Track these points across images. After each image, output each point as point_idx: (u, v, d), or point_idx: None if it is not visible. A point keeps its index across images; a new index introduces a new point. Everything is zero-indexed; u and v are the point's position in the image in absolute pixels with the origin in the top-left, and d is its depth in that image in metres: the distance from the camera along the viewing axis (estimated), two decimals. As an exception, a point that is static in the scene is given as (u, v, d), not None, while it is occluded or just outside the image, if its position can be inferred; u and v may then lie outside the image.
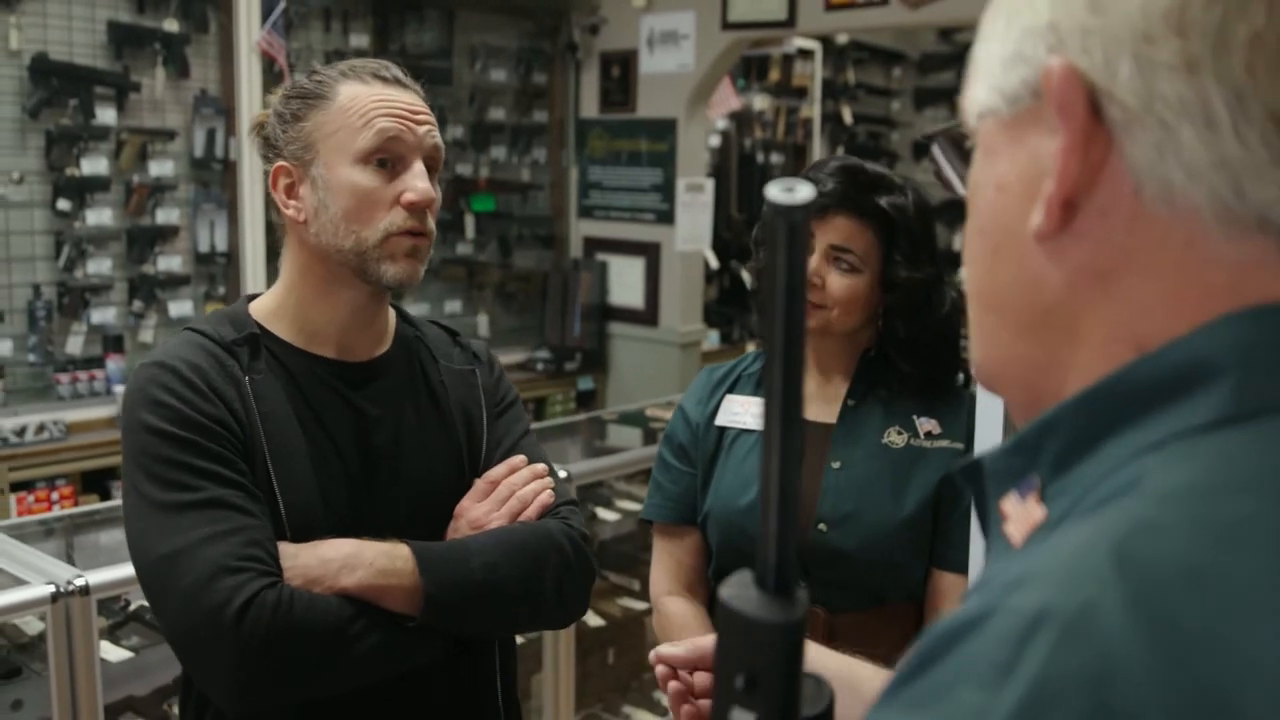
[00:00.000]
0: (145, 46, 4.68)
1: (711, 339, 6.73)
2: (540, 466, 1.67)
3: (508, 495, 1.61)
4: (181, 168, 4.85)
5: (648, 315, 6.25)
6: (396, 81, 1.55)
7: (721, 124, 7.18)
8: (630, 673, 4.06)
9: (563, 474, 2.04)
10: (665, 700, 3.86)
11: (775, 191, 0.63)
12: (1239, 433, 0.57)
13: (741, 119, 7.41)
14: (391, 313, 1.68)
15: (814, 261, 1.93)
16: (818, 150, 8.09)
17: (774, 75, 7.66)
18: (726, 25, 5.73)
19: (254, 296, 1.63)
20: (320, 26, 5.28)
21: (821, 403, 2.04)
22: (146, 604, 2.96)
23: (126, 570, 2.62)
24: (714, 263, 6.80)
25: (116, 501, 3.92)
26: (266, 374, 1.51)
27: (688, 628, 2.05)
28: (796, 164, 7.97)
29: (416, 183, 1.50)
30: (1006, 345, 0.70)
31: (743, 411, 2.06)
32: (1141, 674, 0.49)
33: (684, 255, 6.15)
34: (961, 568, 1.94)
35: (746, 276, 7.31)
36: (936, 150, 0.78)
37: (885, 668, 1.91)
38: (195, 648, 1.38)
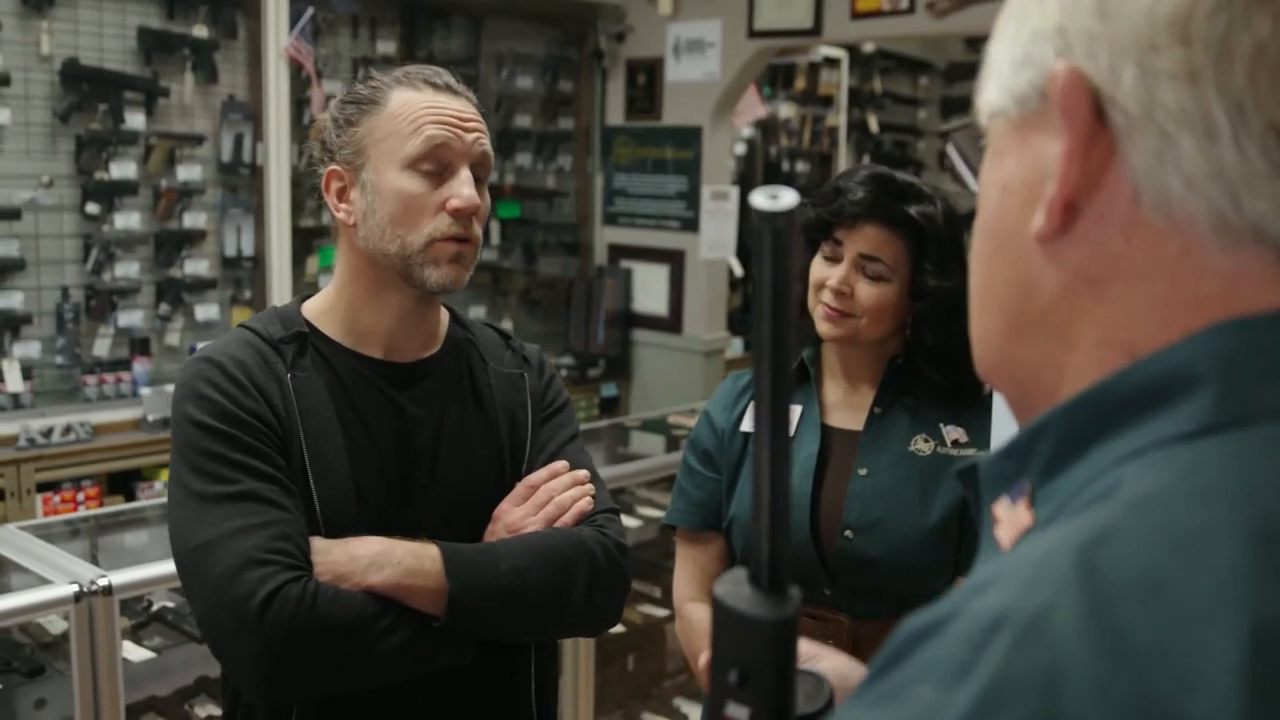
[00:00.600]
0: (175, 52, 4.72)
1: (735, 347, 6.72)
2: (582, 473, 1.67)
3: (546, 500, 1.62)
4: (209, 172, 4.88)
5: (671, 322, 6.26)
6: (448, 88, 1.57)
7: (747, 132, 7.18)
8: (651, 680, 4.06)
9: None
10: (685, 708, 3.83)
11: (759, 199, 0.64)
12: (1214, 442, 0.58)
13: (767, 127, 7.42)
14: (445, 314, 1.69)
15: (843, 270, 1.93)
16: (843, 159, 8.08)
17: (800, 83, 7.66)
18: (752, 33, 5.74)
19: (308, 296, 1.66)
20: (348, 33, 5.31)
21: (849, 410, 2.04)
22: (169, 604, 3.00)
23: (149, 571, 2.65)
24: (738, 270, 6.79)
25: (142, 503, 3.95)
26: (311, 371, 1.54)
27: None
28: (822, 172, 7.97)
29: (463, 189, 1.52)
30: (1000, 345, 0.71)
31: None
32: (1092, 680, 0.49)
33: (708, 263, 6.15)
34: (983, 576, 1.93)
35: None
36: (951, 148, 0.78)
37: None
38: (222, 638, 1.41)
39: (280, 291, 4.99)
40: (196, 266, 4.86)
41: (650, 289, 6.34)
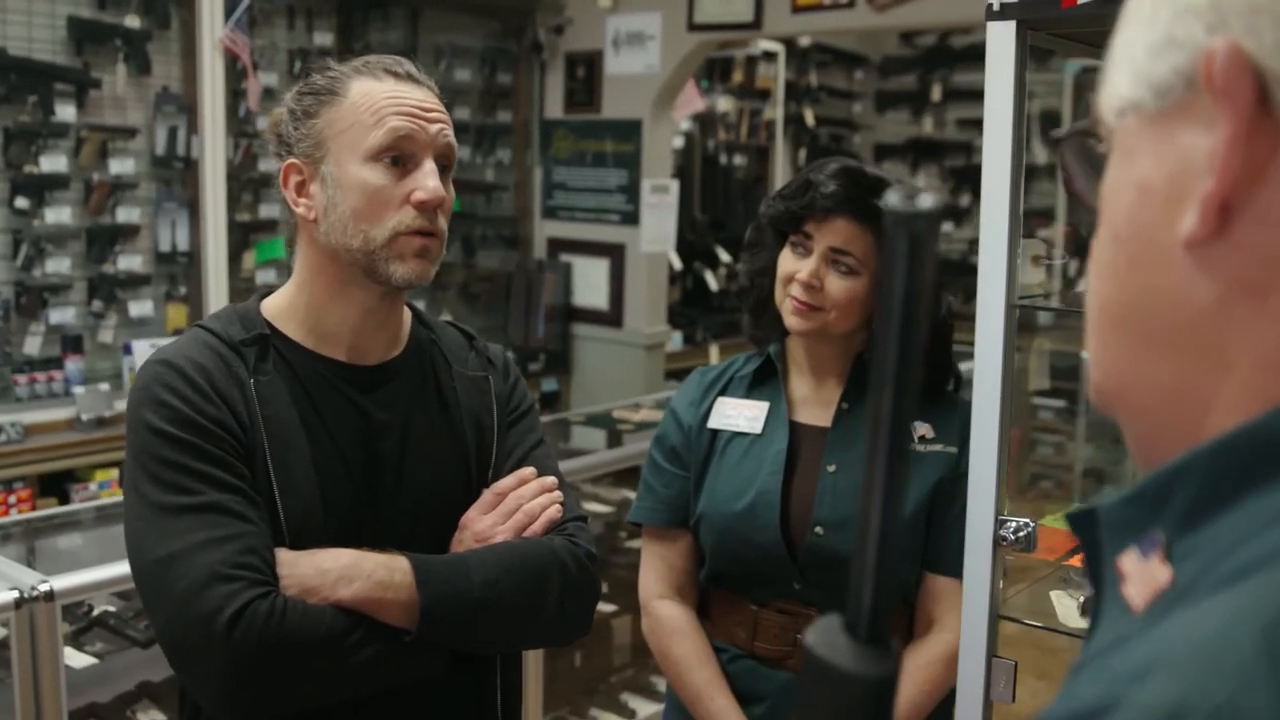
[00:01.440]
0: (106, 43, 4.61)
1: (675, 340, 6.72)
2: (550, 480, 1.63)
3: (515, 508, 1.58)
4: (143, 166, 4.78)
5: (612, 316, 6.24)
6: (410, 77, 1.52)
7: (685, 125, 7.18)
8: (598, 675, 4.04)
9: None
10: (633, 703, 3.81)
11: (894, 198, 0.57)
12: None
13: (705, 120, 7.42)
14: (407, 314, 1.64)
15: (813, 263, 1.92)
16: (780, 152, 8.11)
17: (737, 77, 7.67)
18: (693, 27, 5.73)
19: (268, 293, 1.60)
20: (284, 24, 5.22)
21: (816, 406, 2.03)
22: (110, 609, 2.93)
23: (90, 575, 2.59)
24: (677, 264, 6.79)
25: (77, 505, 3.86)
26: (273, 375, 1.48)
27: (679, 631, 2.05)
28: (759, 166, 7.99)
29: (427, 181, 1.48)
30: (1135, 366, 0.62)
31: (735, 414, 2.05)
32: None
33: (649, 256, 6.14)
34: (954, 571, 1.94)
35: (710, 278, 7.31)
36: (1066, 152, 0.71)
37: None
38: (186, 655, 1.35)
39: (216, 287, 4.90)
40: (130, 262, 4.76)
41: (590, 283, 6.32)
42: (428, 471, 1.57)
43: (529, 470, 1.63)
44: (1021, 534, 1.60)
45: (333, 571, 1.40)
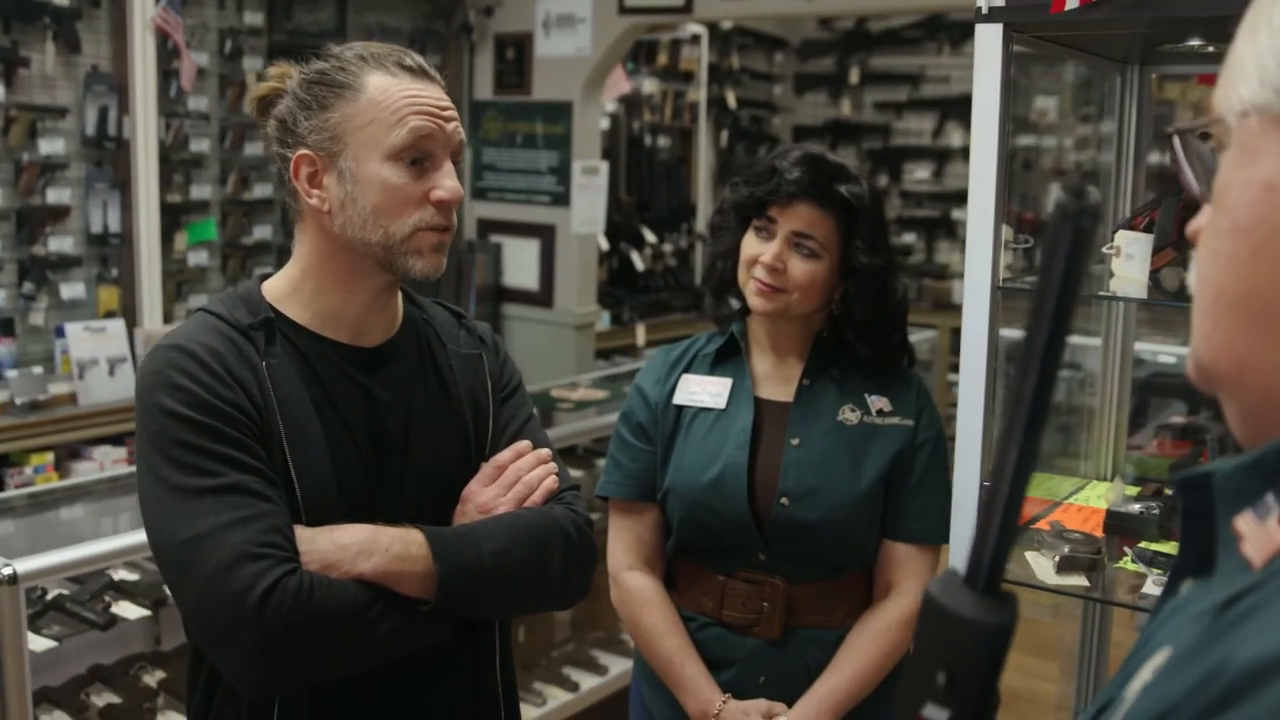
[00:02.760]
0: (34, 20, 4.53)
1: (604, 320, 6.78)
2: (545, 452, 1.69)
3: (514, 480, 1.63)
4: (73, 146, 4.71)
5: (543, 297, 6.28)
6: (422, 72, 1.55)
7: (610, 107, 7.22)
8: (540, 650, 4.11)
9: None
10: (575, 676, 3.88)
11: (1065, 197, 0.62)
12: None
13: (630, 102, 7.48)
14: (399, 294, 1.68)
15: (776, 246, 2.00)
16: (703, 134, 8.20)
17: (662, 59, 7.74)
18: (623, 10, 5.78)
19: (265, 276, 1.62)
20: (214, 3, 5.17)
21: (778, 382, 2.12)
22: (64, 592, 2.93)
23: (52, 559, 2.60)
24: (604, 245, 6.85)
25: (11, 492, 3.81)
26: (282, 359, 1.51)
27: (649, 602, 2.12)
28: (683, 147, 8.07)
29: (447, 181, 1.51)
30: (1253, 348, 0.67)
31: (700, 390, 2.13)
32: None
33: (579, 237, 6.19)
34: (912, 538, 2.05)
35: (636, 258, 7.38)
36: (1178, 148, 0.78)
37: (836, 632, 2.01)
38: (216, 633, 1.39)
39: (149, 269, 4.86)
40: (61, 244, 4.70)
41: (521, 263, 6.35)
42: (430, 447, 1.62)
43: (525, 444, 1.69)
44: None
45: (352, 546, 1.44)
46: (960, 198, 8.56)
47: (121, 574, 3.03)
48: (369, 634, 1.43)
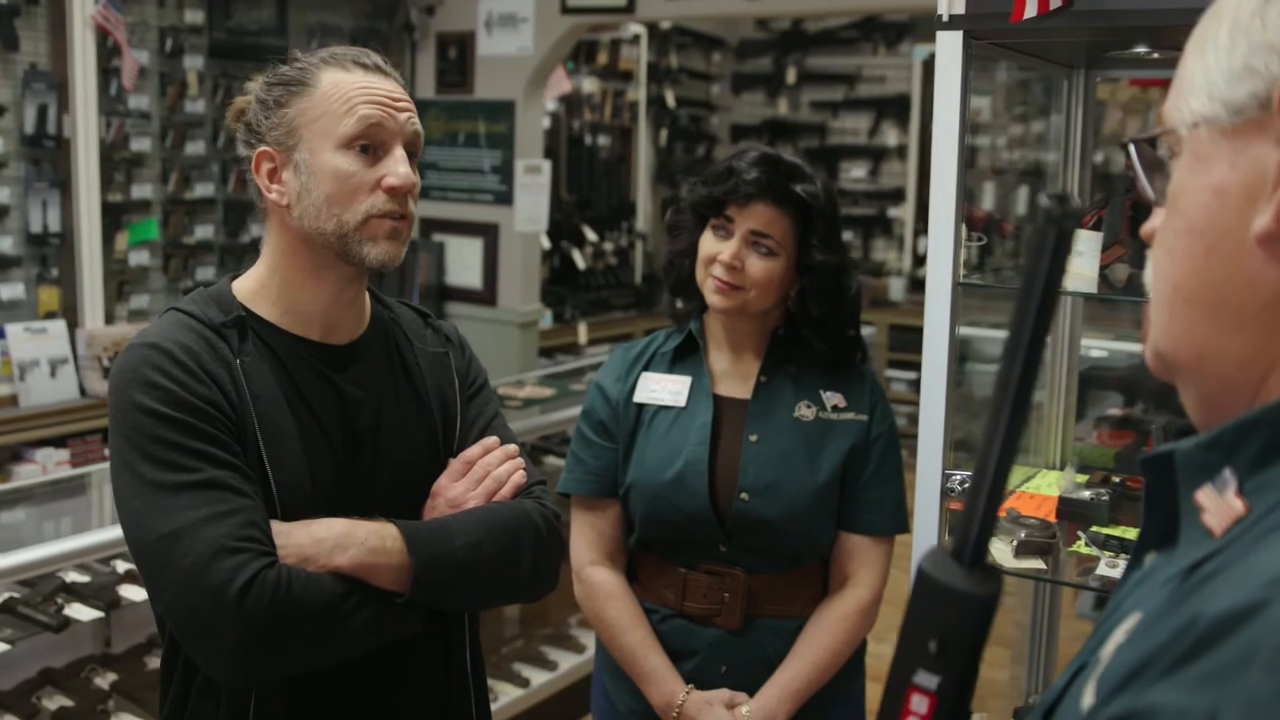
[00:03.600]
0: (-29, 18, 4.49)
1: (547, 319, 6.81)
2: (513, 448, 1.73)
3: (483, 475, 1.67)
4: (11, 145, 4.65)
5: (486, 295, 6.30)
6: (377, 69, 1.58)
7: (551, 106, 7.25)
8: (488, 645, 4.13)
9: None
10: (526, 672, 3.90)
11: (1049, 202, 0.69)
12: None
13: (571, 102, 7.51)
14: (365, 292, 1.71)
15: (734, 245, 2.05)
16: (643, 132, 8.25)
17: (602, 59, 7.78)
18: (566, 9, 5.81)
19: (235, 276, 1.65)
20: (154, 1, 5.13)
21: (736, 379, 2.17)
22: (15, 595, 2.91)
23: (4, 561, 2.59)
24: (546, 243, 6.88)
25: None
26: (254, 356, 1.54)
27: (612, 596, 2.16)
28: (624, 146, 8.12)
29: (398, 168, 1.55)
30: (1209, 338, 0.74)
31: (659, 389, 2.17)
32: None
33: (523, 236, 6.22)
34: (867, 530, 2.10)
35: (577, 257, 7.42)
36: (1133, 154, 0.84)
37: (795, 621, 2.06)
38: (197, 626, 1.41)
39: (90, 269, 4.81)
40: (0, 243, 4.64)
41: (464, 262, 6.36)
42: (400, 443, 1.65)
43: (493, 439, 1.73)
44: (965, 485, 1.77)
45: (328, 540, 1.47)
46: (896, 196, 8.69)
47: (73, 576, 3.02)
48: (345, 625, 1.46)
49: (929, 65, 8.55)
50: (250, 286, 1.62)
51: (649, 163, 8.38)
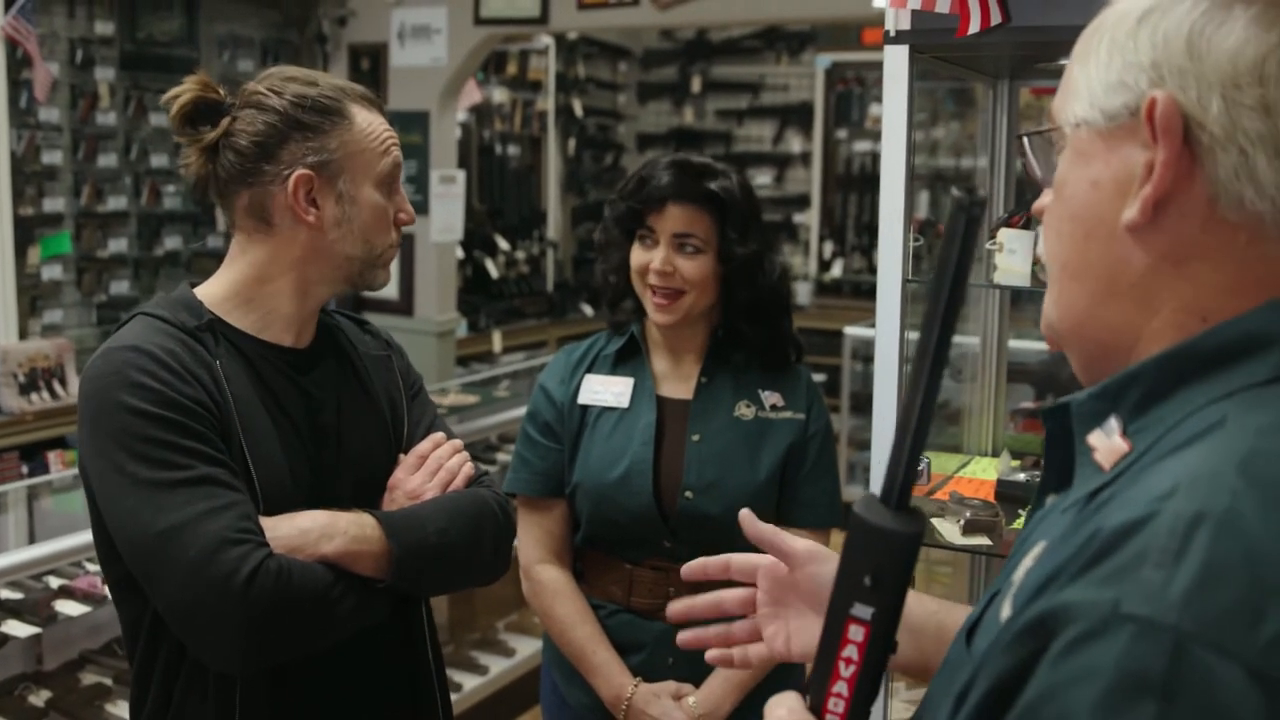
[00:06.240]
0: (-124, 30, 4.41)
1: (463, 328, 6.84)
2: (459, 442, 1.84)
3: (437, 468, 1.77)
4: (-81, 158, 4.59)
5: (403, 305, 6.32)
6: (379, 107, 1.71)
7: (462, 116, 7.28)
8: (442, 637, 4.16)
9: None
10: (485, 660, 3.91)
11: (960, 193, 0.82)
12: None
13: (481, 111, 7.55)
14: None
15: (662, 251, 2.13)
16: (552, 141, 8.30)
17: (511, 69, 7.82)
18: (479, 21, 5.86)
19: (194, 284, 1.70)
20: (64, 12, 5.08)
21: (677, 380, 2.25)
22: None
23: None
24: (459, 253, 6.90)
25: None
26: (229, 359, 1.61)
27: (560, 593, 2.23)
28: (534, 155, 8.17)
29: (407, 205, 1.72)
30: (1088, 309, 0.87)
31: (603, 390, 2.24)
32: (1277, 556, 0.67)
33: (438, 245, 6.25)
34: (807, 523, 2.18)
35: (490, 266, 7.45)
36: (1026, 147, 0.99)
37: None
38: (201, 616, 1.46)
39: (3, 284, 4.75)
40: (-90, 258, 4.57)
41: (380, 273, 6.36)
42: (359, 440, 1.74)
43: (440, 434, 1.82)
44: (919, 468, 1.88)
45: (313, 530, 1.55)
46: (801, 202, 8.86)
47: (4, 593, 3.00)
48: (333, 611, 1.53)
49: (831, 74, 8.74)
50: (218, 294, 1.67)
51: (558, 171, 8.44)
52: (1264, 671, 0.65)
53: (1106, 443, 0.83)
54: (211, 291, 1.67)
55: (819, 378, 7.57)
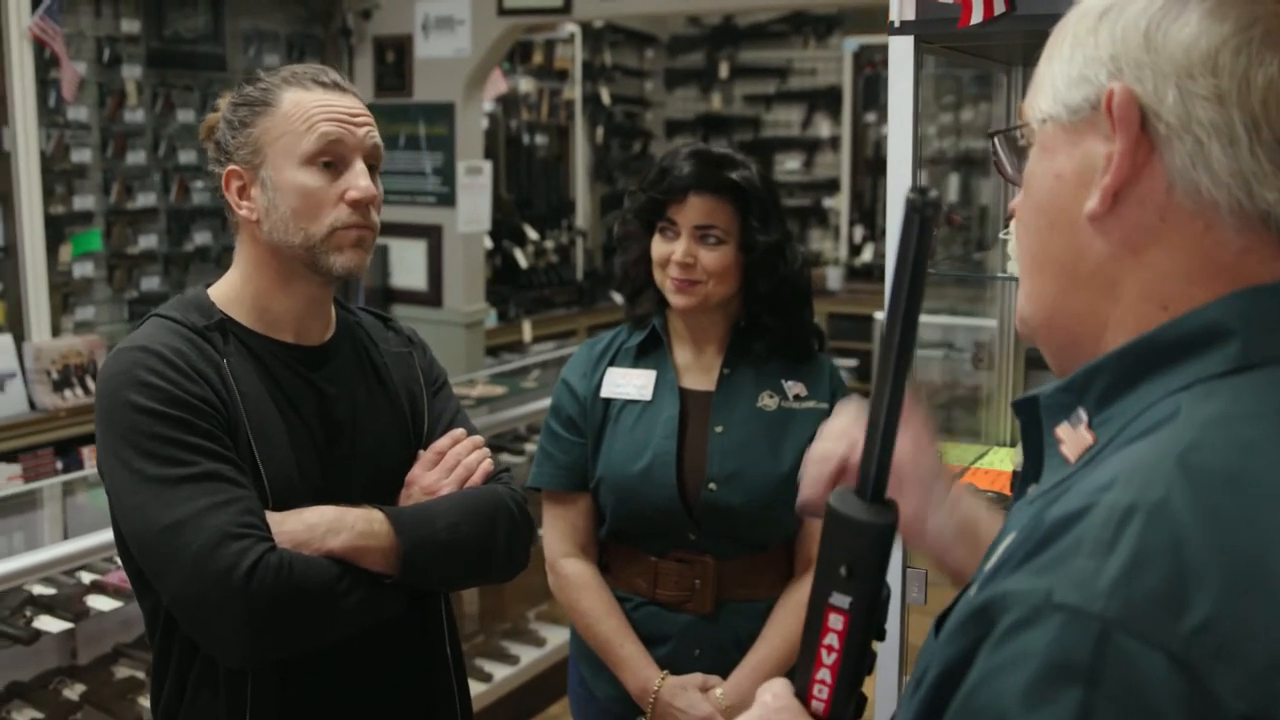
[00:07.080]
0: (-94, 32, 4.45)
1: (492, 318, 6.86)
2: (479, 438, 1.83)
3: (454, 464, 1.77)
4: (-50, 159, 4.63)
5: (431, 297, 6.34)
6: (335, 86, 1.67)
7: (488, 107, 7.29)
8: (472, 626, 4.20)
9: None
10: (516, 650, 3.92)
11: (913, 194, 0.86)
12: (1244, 378, 0.79)
13: (508, 102, 7.55)
14: (332, 300, 1.79)
15: (683, 243, 2.12)
16: (579, 130, 8.30)
17: (537, 58, 7.83)
18: (503, 11, 5.86)
19: (209, 284, 1.73)
20: (91, 11, 5.11)
21: (699, 372, 2.24)
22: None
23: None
24: (488, 243, 6.92)
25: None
26: (238, 357, 1.62)
27: (586, 586, 2.23)
28: (562, 144, 8.17)
29: (359, 181, 1.63)
30: (1054, 299, 0.90)
31: (625, 383, 2.24)
32: (1204, 545, 0.69)
33: (466, 236, 6.26)
34: (830, 514, 2.18)
35: (519, 256, 7.47)
36: (997, 145, 1.00)
37: (763, 604, 2.15)
38: (205, 609, 1.48)
39: (35, 282, 4.80)
40: (-58, 258, 4.62)
41: (408, 264, 6.40)
42: (375, 436, 1.75)
43: (460, 431, 1.83)
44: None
45: (320, 525, 1.56)
46: (830, 186, 8.83)
47: (39, 589, 3.03)
48: (340, 606, 1.55)
49: (859, 57, 8.70)
50: (226, 294, 1.70)
51: (586, 160, 8.44)
52: (1186, 659, 0.66)
53: (1073, 435, 0.86)
54: (221, 292, 1.71)
55: (850, 363, 7.58)
